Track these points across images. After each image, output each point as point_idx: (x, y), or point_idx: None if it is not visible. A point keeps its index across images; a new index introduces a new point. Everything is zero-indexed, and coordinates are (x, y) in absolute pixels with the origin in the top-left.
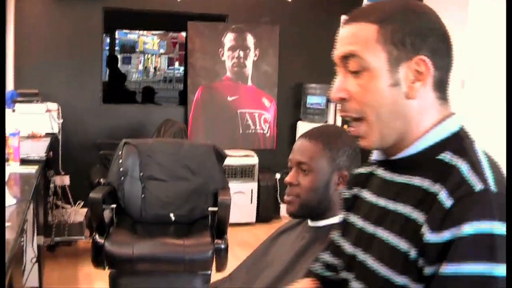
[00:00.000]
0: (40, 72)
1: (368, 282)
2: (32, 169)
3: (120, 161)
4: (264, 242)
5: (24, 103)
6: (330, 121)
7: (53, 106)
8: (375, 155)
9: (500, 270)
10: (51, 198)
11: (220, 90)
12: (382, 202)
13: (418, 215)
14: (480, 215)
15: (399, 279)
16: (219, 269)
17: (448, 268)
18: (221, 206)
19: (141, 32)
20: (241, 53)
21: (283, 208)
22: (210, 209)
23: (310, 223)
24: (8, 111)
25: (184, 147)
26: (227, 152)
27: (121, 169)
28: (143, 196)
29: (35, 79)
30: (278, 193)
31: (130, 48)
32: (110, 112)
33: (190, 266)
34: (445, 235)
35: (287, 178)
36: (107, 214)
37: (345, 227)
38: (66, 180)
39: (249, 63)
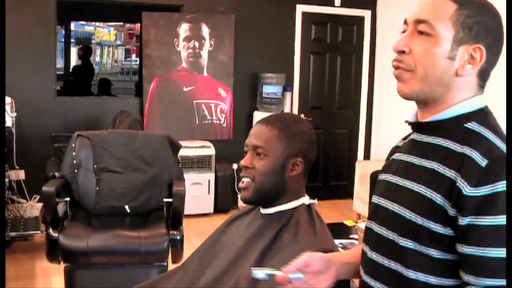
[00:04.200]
0: None
1: (393, 225)
2: None
3: (73, 153)
4: (216, 230)
5: None
6: (287, 110)
7: (7, 99)
8: (410, 117)
9: None
10: (6, 193)
11: (175, 81)
12: (410, 158)
13: (444, 170)
14: (506, 175)
15: (426, 223)
16: (175, 260)
17: (487, 220)
18: (175, 197)
19: (97, 23)
20: (196, 43)
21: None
22: (165, 200)
23: (262, 210)
24: None
25: (139, 138)
26: (184, 143)
27: (74, 161)
28: (97, 188)
29: None
30: (236, 183)
31: (86, 40)
32: (65, 105)
33: (145, 257)
34: (482, 191)
35: (242, 162)
36: (61, 208)
37: (377, 185)
38: (21, 174)
39: (204, 53)
